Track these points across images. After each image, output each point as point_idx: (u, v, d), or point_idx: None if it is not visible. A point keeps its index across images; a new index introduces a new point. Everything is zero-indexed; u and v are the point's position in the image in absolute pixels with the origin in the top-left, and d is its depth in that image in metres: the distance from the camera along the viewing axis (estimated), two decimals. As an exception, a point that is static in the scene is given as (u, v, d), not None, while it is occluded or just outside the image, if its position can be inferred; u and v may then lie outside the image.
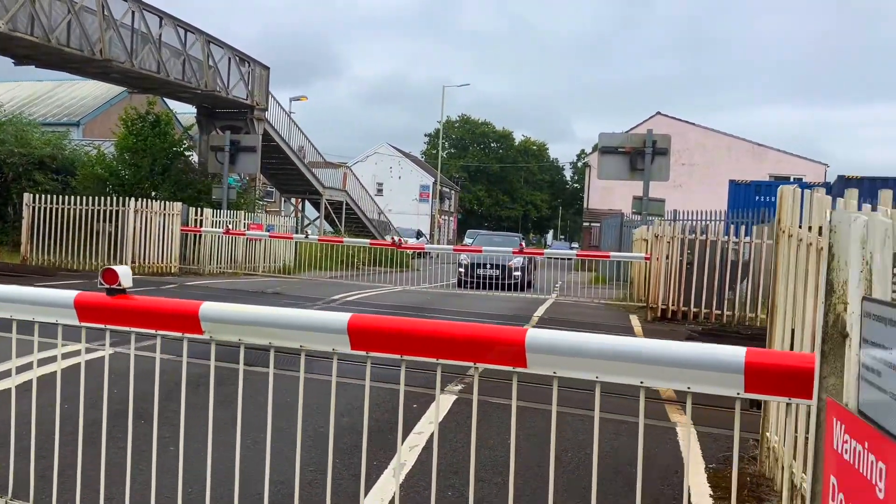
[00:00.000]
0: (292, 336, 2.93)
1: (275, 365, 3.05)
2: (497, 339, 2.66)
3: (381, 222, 40.09)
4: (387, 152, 71.23)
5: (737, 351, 2.37)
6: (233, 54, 23.88)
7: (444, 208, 72.77)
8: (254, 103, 24.72)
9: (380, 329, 2.82)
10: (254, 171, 24.21)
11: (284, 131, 28.24)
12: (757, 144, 45.75)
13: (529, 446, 5.00)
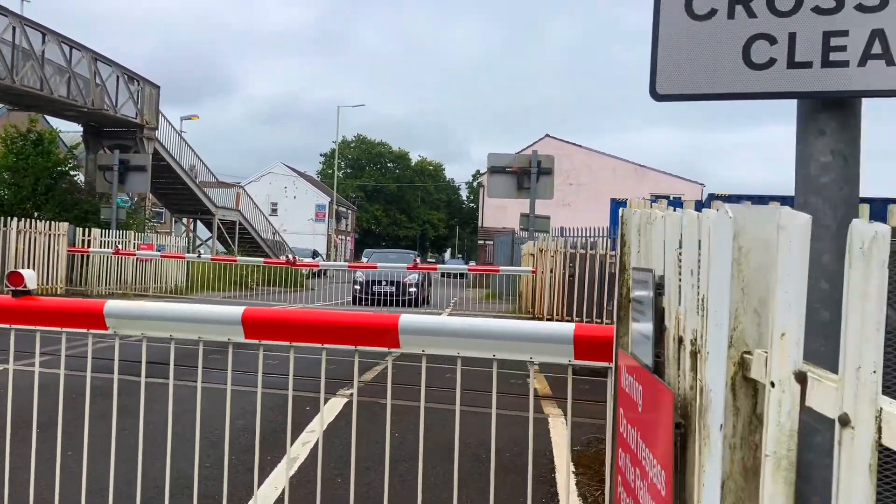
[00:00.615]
0: (191, 329, 3.27)
1: (173, 377, 3.33)
2: (374, 325, 3.10)
3: (276, 242, 39.83)
4: (281, 172, 70.62)
5: (568, 326, 2.90)
6: (121, 72, 23.47)
7: (341, 228, 72.68)
8: (143, 122, 24.32)
9: (271, 319, 3.20)
10: (144, 191, 23.79)
11: (175, 150, 27.83)
12: (639, 165, 48.22)
13: (415, 438, 5.45)
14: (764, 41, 1.72)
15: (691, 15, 1.77)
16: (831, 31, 1.67)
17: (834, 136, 1.70)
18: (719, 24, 1.75)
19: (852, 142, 1.71)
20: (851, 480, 1.02)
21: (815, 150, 1.71)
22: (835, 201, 1.69)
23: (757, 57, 1.72)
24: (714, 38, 1.75)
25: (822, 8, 1.68)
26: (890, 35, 1.64)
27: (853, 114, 1.72)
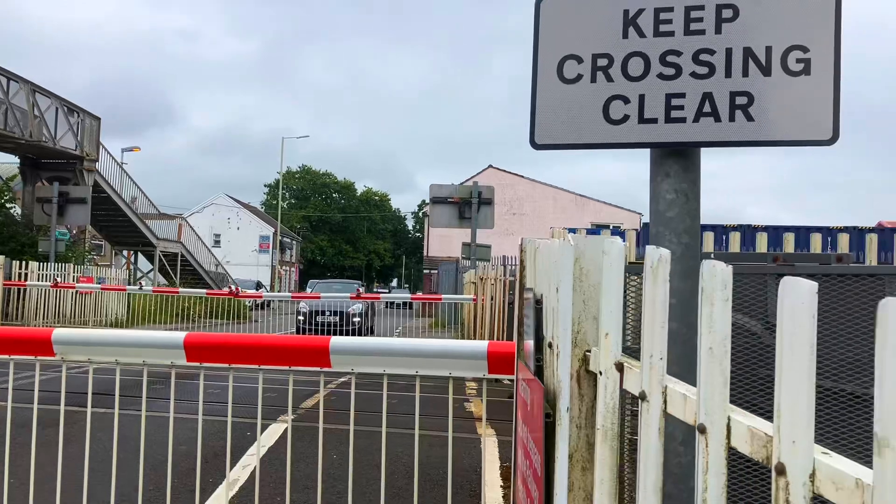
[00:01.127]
0: (135, 353, 3.50)
1: (118, 406, 3.54)
2: (306, 346, 3.39)
3: (219, 274, 39.50)
4: (224, 203, 70.03)
5: (482, 344, 3.24)
6: (61, 104, 23.29)
7: (286, 259, 72.24)
8: (83, 154, 24.11)
9: (211, 343, 3.46)
10: (84, 224, 23.53)
11: (116, 182, 27.59)
12: (580, 196, 49.37)
13: (356, 465, 5.72)
14: (619, 101, 2.10)
15: (562, 79, 2.14)
16: (672, 94, 2.06)
17: (677, 178, 2.09)
18: (584, 87, 2.12)
19: (692, 182, 2.10)
20: (648, 439, 1.36)
21: (663, 190, 2.10)
22: (678, 231, 2.07)
23: (614, 114, 2.10)
24: (580, 98, 2.12)
25: (664, 75, 2.07)
26: (717, 97, 2.03)
27: (692, 160, 2.10)
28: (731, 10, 2.03)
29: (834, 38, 1.96)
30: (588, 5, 2.13)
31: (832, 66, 1.97)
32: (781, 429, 1.06)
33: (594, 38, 2.12)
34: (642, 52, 2.08)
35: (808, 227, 14.15)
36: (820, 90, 1.97)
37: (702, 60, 2.04)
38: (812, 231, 13.13)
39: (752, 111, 2.01)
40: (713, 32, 2.04)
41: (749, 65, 2.01)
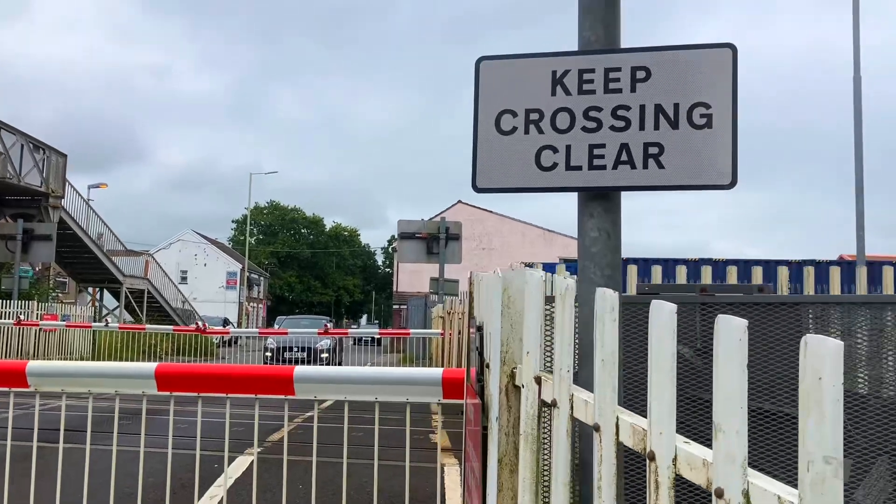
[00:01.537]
0: (108, 383, 3.68)
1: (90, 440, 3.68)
2: (271, 375, 3.60)
3: (186, 311, 39.23)
4: (192, 239, 69.66)
5: (437, 371, 3.47)
6: (26, 141, 23.27)
7: (254, 295, 71.81)
8: (49, 191, 24.05)
9: (180, 373, 3.66)
10: (48, 260, 23.37)
11: (82, 219, 27.47)
12: (547, 230, 50.02)
13: (322, 494, 5.88)
14: (549, 150, 2.38)
15: (499, 131, 2.42)
16: (594, 144, 2.35)
17: (600, 218, 2.37)
18: (518, 138, 2.41)
19: (613, 222, 2.38)
20: (558, 440, 1.61)
21: (588, 228, 2.37)
22: (602, 265, 2.35)
23: (545, 162, 2.38)
24: (515, 148, 2.40)
25: (587, 128, 2.36)
26: (632, 147, 2.32)
27: (613, 202, 2.39)
28: (644, 72, 2.33)
29: (732, 96, 2.27)
30: (521, 66, 2.42)
31: (730, 120, 2.27)
32: (652, 424, 1.32)
33: (527, 95, 2.41)
34: (568, 108, 2.37)
35: (747, 259, 14.81)
36: (720, 141, 2.27)
37: (619, 115, 2.33)
38: (752, 265, 13.68)
39: (662, 160, 2.30)
40: (629, 91, 2.33)
41: (660, 119, 2.31)
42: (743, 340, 1.16)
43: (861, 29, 16.50)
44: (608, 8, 2.39)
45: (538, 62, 2.42)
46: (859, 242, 15.55)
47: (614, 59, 2.36)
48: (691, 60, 2.31)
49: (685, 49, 2.32)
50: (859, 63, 16.39)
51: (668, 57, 2.33)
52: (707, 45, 2.31)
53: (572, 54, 2.40)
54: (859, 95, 16.25)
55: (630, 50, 2.38)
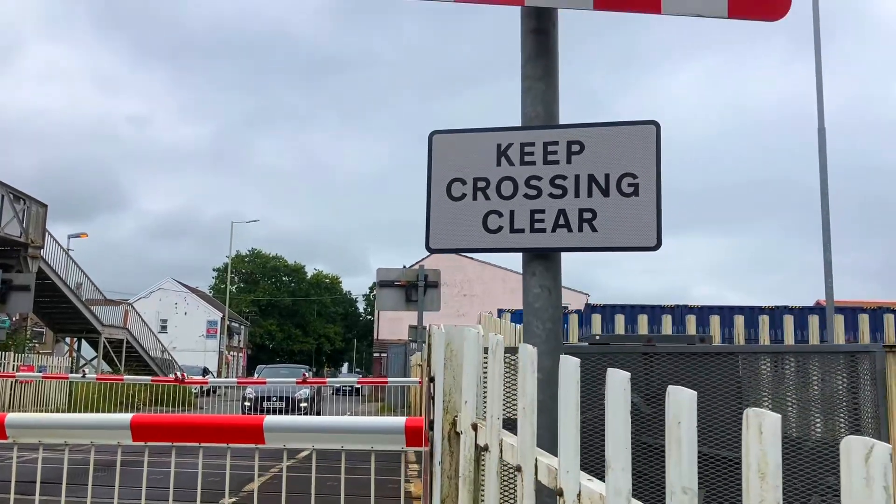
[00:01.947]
0: (84, 434, 3.82)
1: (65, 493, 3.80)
2: (242, 424, 3.76)
3: (165, 360, 38.94)
4: (172, 288, 69.34)
5: (400, 419, 3.65)
6: (7, 191, 23.37)
7: (234, 344, 71.29)
8: (28, 241, 24.07)
9: (155, 423, 3.81)
10: (26, 311, 23.24)
11: (62, 268, 27.44)
12: (527, 277, 50.41)
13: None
14: (495, 215, 2.62)
15: (450, 197, 2.66)
16: (535, 210, 2.59)
17: (541, 276, 2.59)
18: (467, 204, 2.64)
19: (554, 280, 2.61)
20: (489, 480, 1.81)
21: (530, 286, 2.60)
22: (543, 318, 2.57)
23: (491, 225, 2.62)
24: (464, 212, 2.64)
25: (529, 195, 2.60)
26: (569, 213, 2.57)
27: (554, 261, 2.62)
28: (578, 146, 2.59)
29: (656, 167, 2.53)
30: (470, 139, 2.67)
31: (655, 189, 2.52)
32: (561, 464, 1.52)
33: (475, 165, 2.65)
34: (512, 177, 2.62)
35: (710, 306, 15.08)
36: (646, 208, 2.51)
37: (557, 184, 2.58)
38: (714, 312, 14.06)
39: (595, 224, 2.54)
40: (565, 162, 2.59)
41: (593, 188, 2.55)
42: (626, 391, 1.38)
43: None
44: (547, 89, 2.66)
45: (485, 136, 2.67)
46: (828, 290, 15.93)
47: (552, 135, 2.61)
48: (620, 135, 2.57)
49: (614, 125, 2.58)
50: (823, 115, 16.98)
51: (599, 132, 2.59)
52: (634, 121, 2.57)
53: (515, 129, 2.66)
54: (824, 147, 16.79)
55: (566, 126, 2.64)
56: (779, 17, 2.62)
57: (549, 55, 2.70)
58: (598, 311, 23.74)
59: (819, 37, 17.57)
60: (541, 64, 2.68)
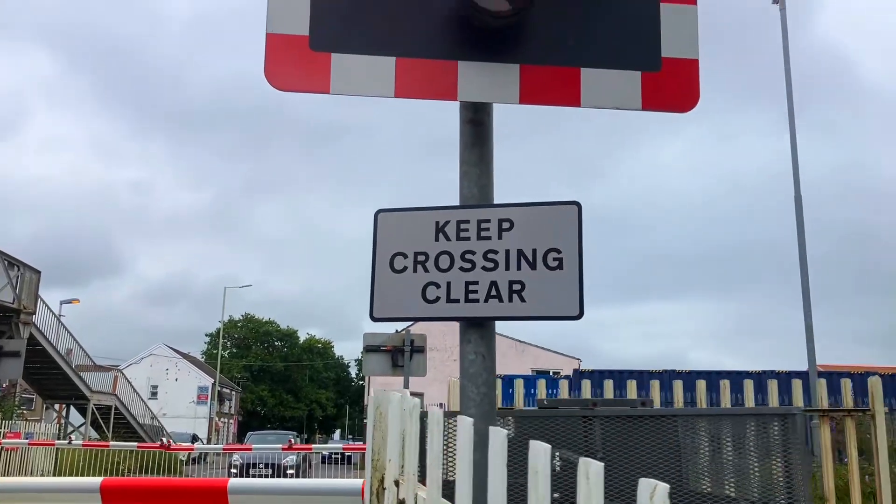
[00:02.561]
0: (53, 498, 3.97)
1: None
2: (206, 486, 3.92)
3: (154, 427, 38.58)
4: (163, 353, 68.98)
5: (357, 481, 3.81)
6: (1, 258, 23.59)
7: (225, 410, 70.54)
8: (21, 307, 24.19)
9: (125, 486, 3.96)
10: (16, 377, 23.19)
11: (53, 334, 27.47)
12: (519, 341, 50.33)
13: None
14: (433, 286, 2.85)
15: (392, 270, 2.89)
16: (469, 281, 2.82)
17: (476, 343, 2.81)
18: (408, 276, 2.88)
19: (487, 347, 2.83)
20: (405, 532, 1.99)
21: (466, 352, 2.81)
22: (478, 383, 2.77)
23: (430, 295, 2.85)
24: (405, 284, 2.87)
25: (464, 268, 2.84)
26: (500, 285, 2.80)
27: (488, 329, 2.84)
28: (508, 223, 2.84)
29: (578, 244, 2.78)
30: (411, 217, 2.93)
31: (577, 263, 2.76)
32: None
33: (416, 241, 2.90)
34: (449, 252, 2.86)
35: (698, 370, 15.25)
36: (569, 281, 2.75)
37: (489, 258, 2.82)
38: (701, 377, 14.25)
39: (524, 294, 2.77)
40: (497, 238, 2.84)
41: (521, 262, 2.80)
42: (503, 448, 1.59)
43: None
44: (482, 174, 2.94)
45: (425, 214, 2.92)
46: (810, 354, 16.12)
47: (485, 213, 2.87)
48: (546, 214, 2.83)
49: (540, 205, 2.84)
50: (799, 183, 17.46)
51: (527, 211, 2.84)
52: (558, 202, 2.83)
53: (452, 208, 2.91)
54: (801, 214, 17.22)
55: (498, 205, 2.90)
56: (688, 110, 2.91)
57: (484, 143, 2.98)
58: (587, 377, 23.81)
59: (793, 108, 18.19)
60: (476, 151, 2.96)
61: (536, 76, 2.87)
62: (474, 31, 2.84)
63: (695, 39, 2.93)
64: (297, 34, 2.82)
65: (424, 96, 2.86)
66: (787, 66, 18.86)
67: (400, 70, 2.85)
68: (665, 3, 2.95)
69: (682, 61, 2.92)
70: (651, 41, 2.92)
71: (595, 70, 2.88)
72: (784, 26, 19.13)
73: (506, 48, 2.86)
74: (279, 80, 2.81)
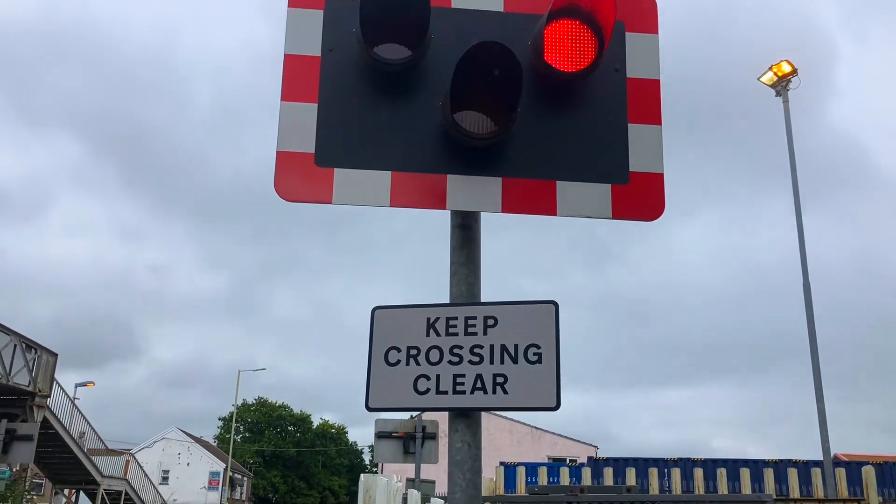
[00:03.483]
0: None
1: None
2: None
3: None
4: (176, 437, 68.44)
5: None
6: (19, 341, 23.95)
7: (236, 497, 69.33)
8: (36, 390, 24.40)
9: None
10: (28, 461, 23.19)
11: (66, 418, 27.57)
12: (535, 428, 49.67)
13: None
14: (424, 378, 3.10)
15: (387, 363, 3.15)
16: (457, 374, 3.07)
17: (463, 432, 3.04)
18: (401, 368, 3.13)
19: (473, 436, 3.05)
20: None
21: (454, 440, 3.04)
22: (464, 469, 2.99)
23: (420, 387, 3.09)
24: (398, 376, 3.12)
25: (452, 361, 3.09)
26: (485, 377, 3.04)
27: (474, 419, 3.07)
28: (493, 320, 3.11)
29: (555, 340, 3.03)
30: (405, 314, 3.20)
31: (555, 358, 3.01)
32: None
33: (408, 336, 3.16)
34: (438, 346, 3.12)
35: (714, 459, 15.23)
36: (548, 374, 3.00)
37: (475, 353, 3.08)
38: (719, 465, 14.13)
39: (507, 387, 3.01)
40: (482, 334, 3.10)
41: (505, 356, 3.05)
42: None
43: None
44: (469, 273, 3.23)
45: (417, 311, 3.20)
46: (824, 443, 15.93)
47: (472, 310, 3.14)
48: (526, 312, 3.09)
49: (522, 304, 3.11)
50: (807, 271, 17.63)
51: (510, 309, 3.11)
52: (537, 301, 3.10)
53: (442, 305, 3.19)
54: (810, 302, 17.34)
55: (484, 303, 3.17)
56: (655, 218, 3.21)
57: (471, 245, 3.28)
58: (603, 465, 23.52)
59: (798, 197, 18.53)
60: (465, 252, 3.26)
61: (517, 188, 3.19)
62: (461, 148, 3.18)
63: (659, 155, 3.26)
64: (304, 152, 3.17)
65: (417, 206, 3.18)
66: (791, 155, 19.32)
67: (395, 183, 3.18)
68: (633, 124, 3.29)
69: (649, 175, 3.24)
70: (620, 157, 3.25)
71: (570, 183, 3.20)
72: (787, 118, 19.69)
73: (489, 163, 3.20)
74: (287, 192, 3.15)
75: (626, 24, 3.38)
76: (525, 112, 3.19)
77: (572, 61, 3.19)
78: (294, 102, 3.22)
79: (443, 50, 3.25)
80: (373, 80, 3.24)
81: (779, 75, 19.78)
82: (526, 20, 3.33)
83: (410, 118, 3.23)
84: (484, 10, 3.35)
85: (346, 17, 3.25)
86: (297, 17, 3.30)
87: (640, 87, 3.33)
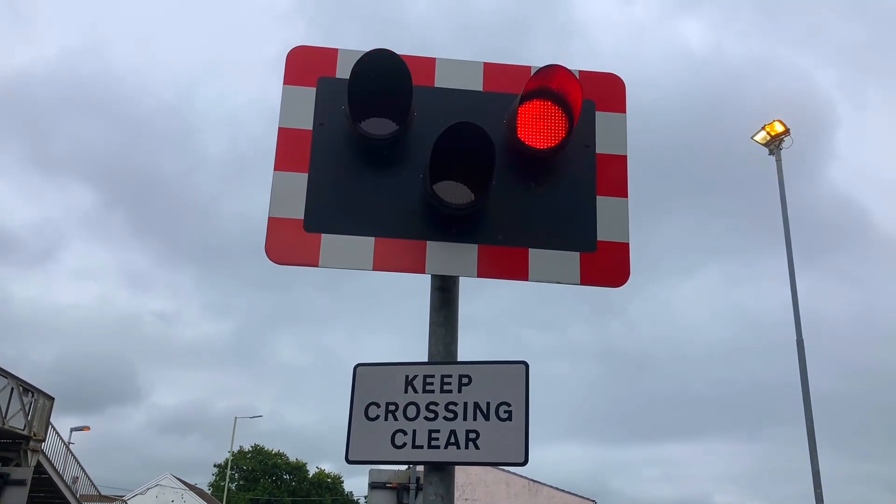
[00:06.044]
0: None
1: None
2: None
3: (154, 562, 37.48)
4: (170, 484, 67.62)
5: None
6: (17, 384, 23.98)
7: (228, 547, 68.16)
8: (31, 434, 24.33)
9: None
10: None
11: (60, 462, 27.41)
12: (532, 481, 49.11)
13: None
14: (401, 433, 3.28)
15: (367, 418, 3.33)
16: (432, 430, 3.25)
17: (437, 485, 3.21)
18: (380, 423, 3.31)
19: (447, 488, 3.22)
20: None
21: (428, 493, 3.21)
22: (437, 523, 3.15)
23: (398, 441, 3.27)
24: (377, 430, 3.30)
25: (428, 417, 3.28)
26: (458, 433, 3.22)
27: (448, 472, 3.24)
28: (467, 379, 3.30)
29: (525, 398, 3.22)
30: (385, 371, 3.39)
31: (524, 415, 3.20)
32: None
33: (388, 392, 3.35)
34: (415, 402, 3.31)
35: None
36: (517, 430, 3.18)
37: (450, 409, 3.27)
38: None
39: (478, 442, 3.19)
40: (457, 392, 3.29)
41: (477, 413, 3.23)
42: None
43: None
44: (447, 333, 3.44)
45: (397, 369, 3.39)
46: (818, 501, 15.89)
47: (448, 369, 3.34)
48: (498, 371, 3.29)
49: (494, 363, 3.31)
50: (801, 328, 17.76)
51: (483, 368, 3.31)
52: (508, 361, 3.30)
53: (420, 364, 3.39)
54: (804, 358, 17.43)
55: (459, 362, 3.37)
56: (620, 285, 3.43)
57: (450, 306, 3.49)
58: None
59: (791, 254, 18.78)
60: (443, 313, 3.47)
61: (492, 255, 3.42)
62: (441, 217, 3.42)
63: (625, 226, 3.49)
64: (294, 218, 3.41)
65: (398, 270, 3.41)
66: (784, 213, 19.61)
67: (378, 248, 3.41)
68: (601, 196, 3.53)
69: (615, 244, 3.47)
70: (588, 227, 3.48)
71: (541, 250, 3.43)
72: (780, 177, 20.04)
73: (466, 231, 3.43)
74: (277, 255, 3.38)
75: (596, 104, 3.65)
76: (500, 184, 3.43)
77: (544, 138, 3.44)
78: (286, 172, 3.47)
79: (425, 126, 3.51)
80: (359, 152, 3.50)
81: (771, 135, 20.17)
82: (503, 99, 3.60)
83: (394, 188, 3.47)
84: (464, 89, 3.62)
85: (335, 95, 3.52)
86: (292, 93, 3.57)
87: (609, 163, 3.58)
